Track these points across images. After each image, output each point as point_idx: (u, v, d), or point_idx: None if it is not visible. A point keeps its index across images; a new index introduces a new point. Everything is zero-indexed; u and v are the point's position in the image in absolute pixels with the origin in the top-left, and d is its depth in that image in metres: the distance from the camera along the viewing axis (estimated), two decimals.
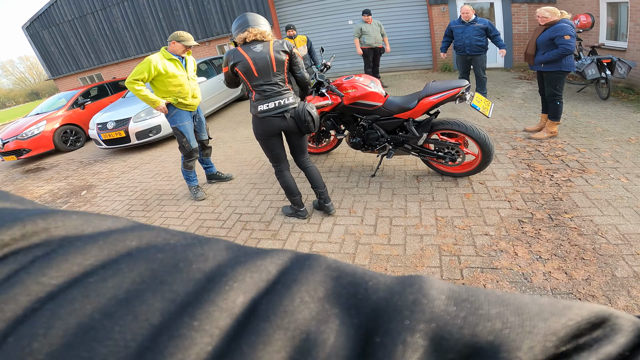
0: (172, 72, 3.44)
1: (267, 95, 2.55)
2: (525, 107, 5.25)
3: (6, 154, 7.60)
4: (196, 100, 3.74)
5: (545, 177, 3.17)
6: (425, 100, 3.00)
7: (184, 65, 3.58)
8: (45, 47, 14.72)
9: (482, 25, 5.23)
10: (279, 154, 2.81)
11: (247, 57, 2.46)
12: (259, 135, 2.71)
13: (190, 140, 3.72)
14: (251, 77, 2.51)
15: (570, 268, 2.10)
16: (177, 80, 3.47)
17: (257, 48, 2.48)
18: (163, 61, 3.40)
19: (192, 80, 3.67)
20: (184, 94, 3.56)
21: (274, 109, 2.57)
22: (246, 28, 2.48)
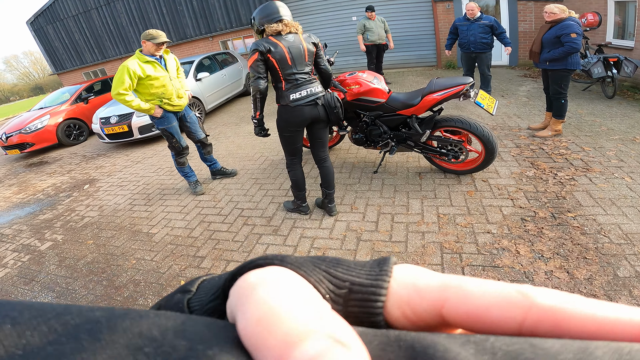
0: (152, 74, 3.29)
1: (299, 83, 2.55)
2: (529, 105, 5.22)
3: (9, 148, 7.64)
4: (182, 101, 3.62)
5: (549, 175, 3.14)
6: (429, 97, 2.98)
7: (163, 65, 3.43)
8: (50, 42, 14.76)
9: (487, 23, 5.19)
10: (299, 148, 2.80)
11: (281, 45, 2.44)
12: (288, 127, 2.65)
13: (180, 140, 3.68)
14: (284, 65, 2.47)
15: (572, 267, 2.09)
16: (158, 82, 3.34)
17: (289, 38, 2.48)
18: (140, 65, 3.24)
19: (176, 80, 3.54)
20: (168, 94, 3.44)
21: (307, 96, 2.57)
22: (278, 19, 2.45)
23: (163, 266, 2.81)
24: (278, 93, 2.60)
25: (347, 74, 3.37)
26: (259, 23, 2.49)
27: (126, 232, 3.46)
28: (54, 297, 2.69)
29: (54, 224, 4.00)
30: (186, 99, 3.68)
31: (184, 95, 3.66)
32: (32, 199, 5.00)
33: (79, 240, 3.49)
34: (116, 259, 3.03)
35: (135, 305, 2.42)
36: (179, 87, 3.56)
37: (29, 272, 3.11)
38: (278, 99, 2.62)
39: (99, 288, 2.69)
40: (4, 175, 6.76)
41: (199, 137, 3.85)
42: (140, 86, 3.31)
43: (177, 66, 3.67)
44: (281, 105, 2.61)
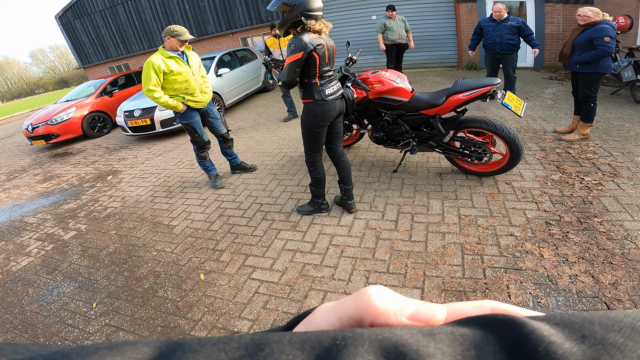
0: (176, 69, 3.36)
1: (331, 79, 2.61)
2: (555, 107, 5.08)
3: (35, 139, 7.88)
4: (206, 96, 3.67)
5: (575, 179, 3.06)
6: (454, 97, 2.93)
7: (185, 60, 3.48)
8: (77, 37, 15.16)
9: (514, 24, 5.09)
10: (322, 144, 2.81)
11: (323, 42, 2.46)
12: (320, 122, 2.64)
13: (202, 135, 3.73)
14: (323, 62, 2.50)
15: (597, 272, 2.04)
16: (181, 77, 3.41)
17: (324, 36, 2.51)
18: (164, 60, 3.31)
19: (198, 76, 3.59)
20: (191, 90, 3.51)
21: (337, 91, 2.65)
22: (320, 16, 2.45)
23: (183, 258, 2.85)
24: (310, 89, 2.57)
25: (369, 72, 3.34)
26: (302, 13, 2.36)
27: (147, 224, 3.52)
28: (76, 287, 2.76)
29: (78, 213, 4.10)
30: (209, 95, 3.71)
31: (207, 91, 3.70)
32: (57, 189, 5.14)
33: (102, 230, 3.58)
34: (137, 250, 3.08)
35: (154, 297, 2.46)
36: (201, 83, 3.61)
37: (52, 261, 3.19)
38: (309, 95, 2.59)
39: (120, 279, 2.75)
40: (29, 165, 6.97)
41: (220, 132, 3.91)
42: (165, 82, 3.37)
43: (199, 63, 3.71)
44: (315, 100, 2.58)
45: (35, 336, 2.31)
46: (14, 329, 2.42)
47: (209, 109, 3.80)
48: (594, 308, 1.80)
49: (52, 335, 2.28)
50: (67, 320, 2.40)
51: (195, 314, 2.24)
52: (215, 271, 2.62)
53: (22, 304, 2.67)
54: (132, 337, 2.15)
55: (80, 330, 2.28)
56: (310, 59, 2.44)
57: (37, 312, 2.55)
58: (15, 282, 2.97)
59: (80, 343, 2.11)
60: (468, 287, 2.08)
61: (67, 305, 2.56)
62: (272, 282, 2.40)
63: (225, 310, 2.23)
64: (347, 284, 2.27)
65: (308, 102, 2.62)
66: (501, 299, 1.95)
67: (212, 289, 2.44)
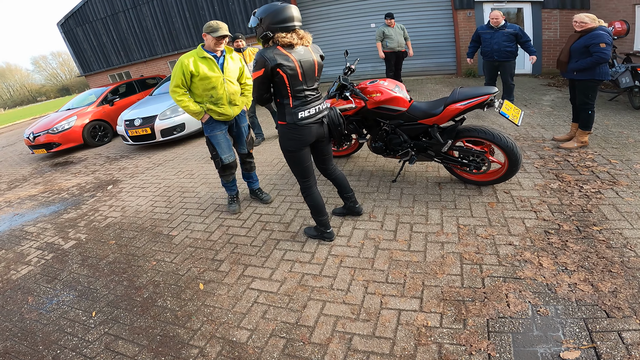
0: (204, 73, 2.96)
1: (308, 101, 2.35)
2: (554, 115, 5.10)
3: (36, 147, 7.91)
4: (234, 109, 3.22)
5: (574, 188, 3.06)
6: (452, 106, 2.95)
7: (220, 64, 3.05)
8: (79, 44, 15.27)
9: (512, 31, 5.13)
10: (309, 167, 2.58)
11: (293, 58, 2.20)
12: (294, 146, 2.43)
13: (222, 154, 3.26)
14: (295, 81, 2.25)
15: (597, 280, 2.04)
16: (209, 83, 3.01)
17: (299, 50, 2.25)
18: (196, 61, 2.94)
19: (232, 84, 3.15)
20: (217, 98, 3.07)
21: (315, 114, 2.39)
22: (292, 27, 2.19)
23: (182, 268, 2.85)
24: (282, 110, 2.36)
25: (368, 82, 3.36)
26: (268, 27, 2.17)
27: (147, 234, 3.53)
28: (75, 295, 2.76)
29: (78, 223, 4.11)
30: (239, 108, 3.29)
31: (238, 102, 3.26)
32: (57, 198, 5.16)
33: (102, 240, 3.58)
34: (137, 260, 3.09)
35: (154, 306, 2.46)
36: (233, 92, 3.16)
37: (52, 270, 3.19)
38: (282, 116, 2.38)
39: (119, 288, 2.75)
40: (30, 174, 6.99)
41: (240, 151, 3.54)
42: (193, 85, 3.02)
43: (240, 70, 3.27)
44: (287, 124, 2.37)
45: (35, 344, 2.30)
46: (13, 336, 2.42)
47: (237, 123, 3.40)
48: (594, 316, 1.80)
49: (51, 343, 2.28)
50: (67, 328, 2.40)
51: (194, 323, 2.24)
52: (214, 281, 2.62)
53: (22, 312, 2.67)
54: (131, 346, 2.15)
55: (79, 339, 2.28)
56: (277, 77, 2.21)
57: (37, 320, 2.55)
58: (15, 290, 2.97)
59: (80, 351, 2.11)
60: (467, 297, 2.08)
61: (66, 313, 2.56)
62: (271, 292, 2.40)
63: (224, 319, 2.23)
64: (345, 294, 2.27)
65: (281, 124, 2.42)
66: (500, 307, 1.94)
67: (211, 299, 2.44)
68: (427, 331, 1.90)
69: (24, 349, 2.28)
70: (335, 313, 2.13)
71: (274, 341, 2.00)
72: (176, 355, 2.03)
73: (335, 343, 1.92)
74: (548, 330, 1.77)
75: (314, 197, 2.68)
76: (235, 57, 3.21)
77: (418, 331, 1.91)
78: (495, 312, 1.93)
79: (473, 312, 1.96)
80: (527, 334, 1.77)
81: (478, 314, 1.94)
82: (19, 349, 2.29)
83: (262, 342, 2.01)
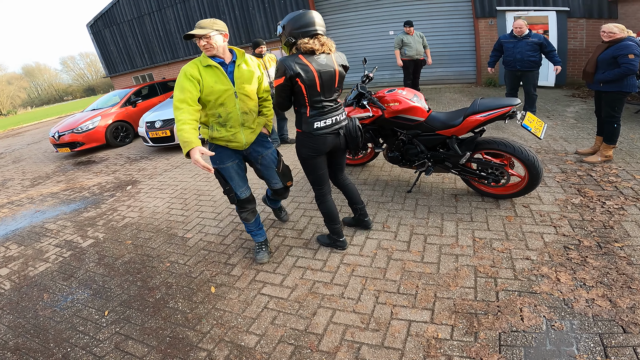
0: (209, 85, 2.24)
1: (325, 111, 2.32)
2: (577, 127, 4.96)
3: (60, 146, 8.17)
4: (248, 134, 2.49)
5: (597, 203, 2.97)
6: (472, 117, 2.90)
7: (228, 72, 2.32)
8: (106, 46, 15.78)
9: (536, 41, 5.03)
10: (324, 175, 2.56)
11: (312, 68, 2.16)
12: (309, 154, 2.42)
13: (237, 189, 2.62)
14: (313, 92, 2.22)
15: (615, 296, 1.99)
16: (216, 99, 2.29)
17: (321, 59, 2.20)
18: (199, 69, 2.25)
19: (247, 99, 2.41)
20: (225, 118, 2.37)
21: (331, 125, 2.36)
22: (314, 33, 2.18)
23: (195, 271, 2.88)
24: (300, 118, 2.36)
25: (385, 91, 3.34)
26: (290, 33, 2.19)
27: (162, 235, 3.58)
28: (90, 294, 2.81)
29: (97, 222, 4.21)
30: (253, 133, 2.55)
31: (253, 125, 2.52)
32: (78, 196, 5.30)
33: (119, 239, 3.66)
34: (151, 261, 3.14)
35: (165, 307, 2.49)
36: (247, 110, 2.44)
37: (69, 268, 3.27)
38: (299, 124, 2.38)
39: (133, 288, 2.79)
40: (53, 172, 7.21)
41: (273, 186, 2.78)
42: (202, 102, 2.33)
43: (259, 80, 2.53)
44: (303, 132, 2.37)
45: (46, 341, 2.35)
46: (26, 333, 2.48)
47: (258, 151, 2.63)
48: (610, 332, 1.76)
49: (62, 341, 2.33)
50: (79, 326, 2.45)
51: (204, 326, 2.25)
52: (226, 285, 2.64)
53: (36, 309, 2.73)
54: (141, 346, 2.18)
55: (90, 338, 2.32)
56: (295, 86, 2.19)
57: (50, 317, 2.61)
58: (32, 287, 3.05)
59: (90, 350, 2.15)
60: (480, 310, 2.04)
61: (79, 312, 2.61)
62: (281, 298, 2.40)
63: (233, 324, 2.24)
64: (356, 302, 2.25)
65: (298, 131, 2.43)
66: (513, 321, 1.91)
67: (222, 302, 2.45)
68: (437, 343, 1.87)
69: (35, 346, 2.33)
70: (345, 322, 2.12)
71: (282, 347, 2.00)
72: (184, 358, 2.04)
73: (344, 352, 1.91)
74: (562, 345, 1.74)
75: (328, 205, 2.67)
76: (252, 63, 2.45)
77: (428, 343, 1.88)
78: (508, 325, 1.90)
79: (485, 325, 1.92)
80: (540, 348, 1.74)
81: (490, 327, 1.90)
82: (30, 345, 2.34)
83: (270, 347, 2.01)
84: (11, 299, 2.92)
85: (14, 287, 3.09)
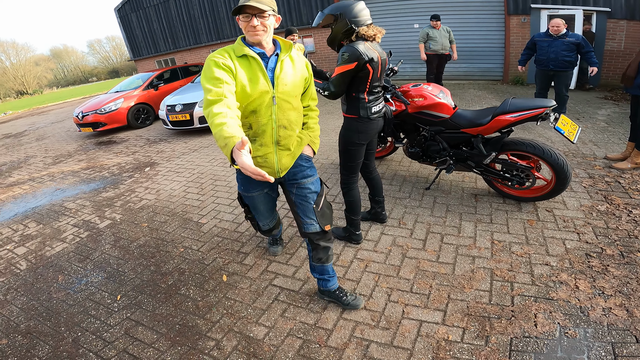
0: (242, 83, 1.62)
1: (379, 96, 2.42)
2: (608, 131, 4.75)
3: (83, 126, 8.37)
4: (283, 157, 1.84)
5: (623, 212, 2.84)
6: (502, 117, 2.78)
7: (269, 69, 1.69)
8: (132, 30, 16.00)
9: (573, 40, 4.82)
10: (360, 163, 2.58)
11: (377, 54, 2.23)
12: (363, 139, 2.43)
13: (260, 220, 2.27)
14: (375, 77, 2.27)
15: (633, 306, 1.93)
16: (249, 102, 1.66)
17: (376, 46, 2.28)
18: (233, 58, 1.64)
19: (288, 106, 1.76)
20: (256, 131, 1.74)
21: (381, 109, 2.47)
22: (369, 23, 2.22)
23: (208, 257, 2.88)
24: (356, 104, 2.34)
25: (410, 85, 3.25)
26: (351, 21, 2.16)
27: (178, 219, 3.61)
28: (104, 277, 2.84)
29: (115, 202, 4.27)
30: (291, 157, 1.88)
31: (293, 146, 1.86)
32: (98, 176, 5.39)
33: (135, 221, 3.70)
34: (166, 245, 3.16)
35: (177, 294, 2.50)
36: (286, 123, 1.77)
37: (85, 249, 3.31)
38: (354, 109, 2.36)
39: (146, 273, 2.81)
40: (75, 150, 7.37)
41: (307, 229, 1.96)
42: None
43: (306, 82, 1.89)
44: (359, 117, 2.37)
45: (58, 325, 2.36)
46: (38, 315, 2.48)
47: (294, 179, 1.94)
48: (623, 341, 1.72)
49: (73, 325, 2.34)
50: (91, 310, 2.46)
51: (214, 315, 2.25)
52: (238, 274, 2.63)
53: (50, 291, 2.75)
54: (150, 332, 2.19)
55: (101, 322, 2.33)
56: (363, 71, 2.20)
57: (64, 300, 2.62)
58: (47, 268, 3.09)
59: (100, 335, 2.17)
60: (493, 313, 1.99)
61: (93, 295, 2.63)
62: (292, 291, 2.38)
63: (243, 314, 2.23)
64: (367, 299, 2.21)
65: (351, 118, 2.40)
66: (527, 327, 1.87)
67: (233, 292, 2.45)
68: (447, 345, 1.84)
69: (47, 330, 2.33)
70: (355, 318, 2.09)
71: (290, 340, 1.98)
72: (192, 346, 2.05)
73: (352, 349, 1.89)
74: (573, 353, 1.70)
75: (355, 193, 2.64)
76: (299, 60, 1.81)
77: (438, 344, 1.85)
78: (521, 331, 1.85)
79: (497, 329, 1.88)
80: (551, 355, 1.70)
81: (502, 331, 1.86)
82: (41, 329, 2.35)
83: (278, 340, 1.99)
84: (26, 279, 2.95)
85: (30, 268, 3.12)
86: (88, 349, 2.12)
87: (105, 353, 2.08)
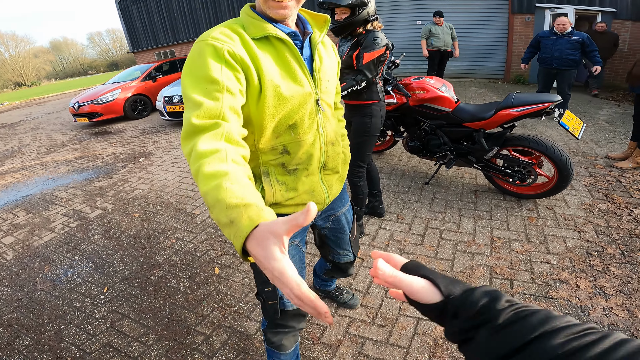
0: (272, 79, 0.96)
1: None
2: (609, 131, 4.70)
3: (79, 116, 8.29)
4: (333, 182, 1.26)
5: (624, 211, 2.80)
6: (505, 111, 2.72)
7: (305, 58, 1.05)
8: (132, 22, 15.87)
9: (578, 39, 4.76)
10: None
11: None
12: (379, 125, 2.46)
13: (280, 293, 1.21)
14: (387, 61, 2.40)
15: (634, 306, 1.91)
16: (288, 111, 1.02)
17: None
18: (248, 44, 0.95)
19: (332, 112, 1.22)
20: (295, 156, 1.10)
21: None
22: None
23: (200, 249, 2.81)
24: (374, 89, 2.40)
25: (412, 78, 3.19)
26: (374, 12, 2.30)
27: (171, 210, 3.53)
28: (91, 268, 2.75)
29: (107, 192, 4.19)
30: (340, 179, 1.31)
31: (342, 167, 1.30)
32: (92, 165, 5.30)
33: (127, 211, 3.62)
34: (157, 236, 3.08)
35: (166, 286, 2.42)
36: (334, 138, 1.21)
37: (74, 239, 3.22)
38: (374, 95, 2.40)
39: (135, 264, 2.73)
40: (70, 140, 7.27)
41: (339, 259, 1.56)
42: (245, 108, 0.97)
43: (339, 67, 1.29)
44: (379, 101, 2.42)
45: (41, 317, 2.28)
46: (22, 307, 2.40)
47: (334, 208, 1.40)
48: None
49: (57, 318, 2.25)
50: (76, 303, 2.38)
51: (204, 309, 2.18)
52: (230, 266, 2.56)
53: (36, 282, 2.66)
54: (137, 326, 2.11)
55: (86, 315, 2.25)
56: (383, 56, 2.29)
57: (48, 292, 2.53)
58: (34, 258, 3.00)
59: (83, 328, 2.09)
60: None
61: (79, 287, 2.55)
62: None
63: (234, 308, 2.16)
64: (364, 295, 2.15)
65: (373, 104, 2.41)
66: None
67: (224, 285, 2.37)
68: (444, 343, 1.79)
69: (29, 322, 2.25)
70: (350, 314, 2.03)
71: None
72: (180, 341, 1.97)
73: (346, 346, 1.83)
74: None
75: (365, 186, 2.65)
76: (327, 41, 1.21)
77: (435, 343, 1.80)
78: None
79: None
80: None
81: None
82: (23, 321, 2.27)
83: None
84: (12, 270, 2.86)
85: (16, 258, 3.03)
86: (70, 342, 2.04)
87: (88, 347, 2.00)
